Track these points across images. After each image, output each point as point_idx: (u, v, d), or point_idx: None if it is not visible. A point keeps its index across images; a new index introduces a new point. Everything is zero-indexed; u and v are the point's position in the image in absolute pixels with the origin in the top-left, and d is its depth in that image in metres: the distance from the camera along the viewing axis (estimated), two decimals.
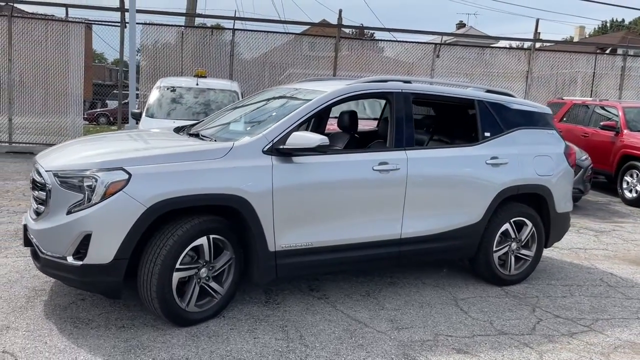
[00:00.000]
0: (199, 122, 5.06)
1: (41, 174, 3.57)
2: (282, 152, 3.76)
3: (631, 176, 9.67)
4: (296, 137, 3.75)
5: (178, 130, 4.70)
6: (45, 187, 3.49)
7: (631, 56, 14.84)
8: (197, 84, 8.98)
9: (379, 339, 3.63)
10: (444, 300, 4.39)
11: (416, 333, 3.76)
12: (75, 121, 12.77)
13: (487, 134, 4.70)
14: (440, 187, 4.42)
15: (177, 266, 3.45)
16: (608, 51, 21.59)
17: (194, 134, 4.37)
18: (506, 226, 4.73)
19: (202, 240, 3.55)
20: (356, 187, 4.05)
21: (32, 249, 3.68)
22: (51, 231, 3.42)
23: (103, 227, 3.30)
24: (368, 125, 6.41)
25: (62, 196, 3.41)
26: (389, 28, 17.04)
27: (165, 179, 3.42)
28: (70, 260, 3.35)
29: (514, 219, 4.76)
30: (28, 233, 3.70)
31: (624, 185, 9.77)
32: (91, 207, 3.31)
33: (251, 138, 3.79)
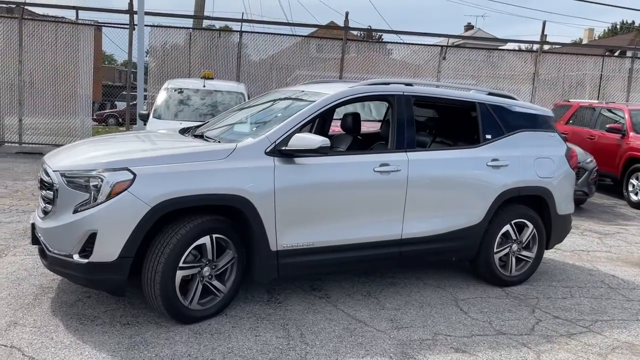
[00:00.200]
0: (204, 123, 5.14)
1: (49, 174, 3.66)
2: (284, 153, 3.83)
3: (637, 179, 9.65)
4: (298, 139, 3.82)
5: (183, 131, 4.79)
6: (52, 187, 3.58)
7: (639, 58, 14.78)
8: (204, 86, 9.07)
9: (378, 337, 3.68)
10: (444, 301, 4.44)
11: (415, 332, 3.81)
12: (84, 122, 12.93)
13: (488, 136, 4.74)
14: (440, 189, 4.47)
15: (181, 265, 3.53)
16: (617, 53, 21.50)
17: (198, 135, 4.45)
18: (507, 227, 4.77)
19: (205, 240, 3.63)
20: (357, 188, 4.11)
21: (40, 247, 3.77)
22: (58, 230, 3.51)
23: (108, 226, 3.38)
24: (374, 127, 6.46)
25: (69, 195, 3.49)
26: (396, 30, 17.07)
27: (169, 179, 3.49)
28: (77, 258, 3.44)
29: (515, 220, 4.80)
30: (36, 231, 3.80)
31: (630, 188, 9.76)
32: (97, 206, 3.39)
33: (254, 139, 3.86)
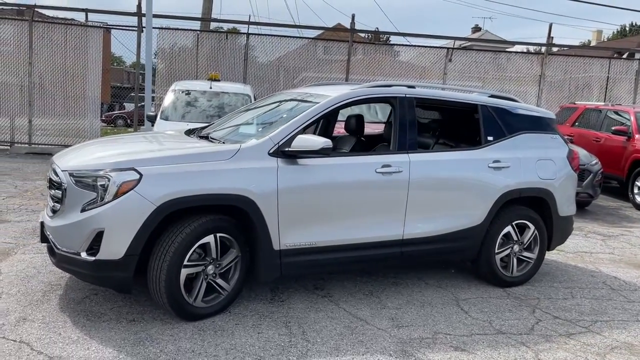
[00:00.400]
0: (209, 124, 5.22)
1: (57, 174, 3.75)
2: (287, 154, 3.90)
3: None
4: (301, 140, 3.89)
5: (189, 132, 4.87)
6: (61, 186, 3.68)
7: None
8: (210, 87, 9.17)
9: (379, 335, 3.75)
10: (445, 301, 4.49)
11: (416, 331, 3.87)
12: (93, 123, 13.08)
13: (489, 137, 4.79)
14: (442, 190, 4.52)
15: (185, 263, 3.61)
16: (625, 55, 21.42)
17: (204, 136, 4.53)
18: (508, 229, 4.81)
19: (209, 239, 3.70)
20: (359, 188, 4.17)
21: (49, 245, 3.86)
22: (66, 228, 3.60)
23: (115, 224, 3.46)
24: (380, 129, 6.52)
25: (77, 195, 3.58)
26: (403, 32, 17.13)
27: (174, 179, 3.57)
28: (84, 256, 3.52)
29: (516, 221, 4.84)
30: (45, 230, 3.89)
31: (635, 191, 9.75)
32: (104, 205, 3.48)
33: (257, 140, 3.94)
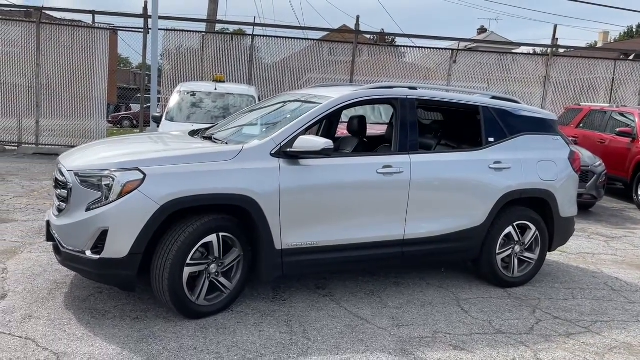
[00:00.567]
0: (213, 125, 5.28)
1: (63, 174, 3.82)
2: (289, 154, 3.95)
3: None
4: (302, 141, 3.94)
5: (193, 133, 4.93)
6: (66, 186, 3.74)
7: None
8: (215, 89, 9.23)
9: (379, 334, 3.79)
10: (446, 300, 4.53)
11: (416, 330, 3.90)
12: (99, 124, 13.18)
13: (491, 139, 4.82)
14: (443, 190, 4.56)
15: (188, 261, 3.66)
16: (632, 57, 21.33)
17: (207, 137, 4.59)
18: (509, 229, 4.84)
19: (212, 238, 3.76)
20: (360, 189, 4.22)
21: (54, 243, 3.93)
22: (71, 227, 3.66)
23: (119, 223, 3.52)
24: (383, 130, 6.55)
25: (82, 194, 3.65)
26: (408, 34, 17.16)
27: (177, 179, 3.63)
28: (89, 254, 3.58)
29: (518, 222, 4.87)
30: (50, 229, 3.96)
31: None
32: (108, 204, 3.54)
33: (260, 141, 3.99)
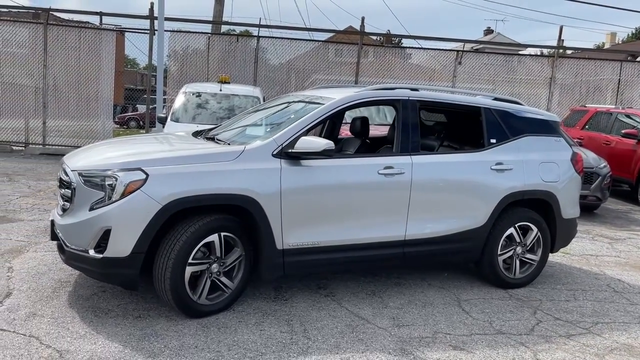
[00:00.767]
0: (216, 126, 5.32)
1: (67, 173, 3.87)
2: (291, 155, 3.98)
3: None
4: (304, 142, 3.97)
5: (197, 134, 4.97)
6: (70, 185, 3.79)
7: None
8: (220, 90, 9.28)
9: (379, 334, 3.81)
10: (447, 301, 4.54)
11: (416, 330, 3.92)
12: (106, 124, 13.29)
13: (492, 140, 4.83)
14: (444, 191, 4.58)
15: (190, 261, 3.69)
16: (639, 58, 21.22)
17: (210, 138, 4.63)
18: (511, 230, 4.85)
19: (214, 238, 3.79)
20: (361, 189, 4.24)
21: (58, 243, 3.97)
22: (75, 226, 3.71)
23: (122, 223, 3.56)
24: (386, 132, 6.56)
25: (86, 194, 3.69)
26: (414, 35, 17.15)
27: (180, 179, 3.67)
28: (92, 253, 3.62)
29: (519, 223, 4.88)
30: (55, 228, 4.00)
31: None
32: (111, 204, 3.58)
33: (262, 142, 4.02)
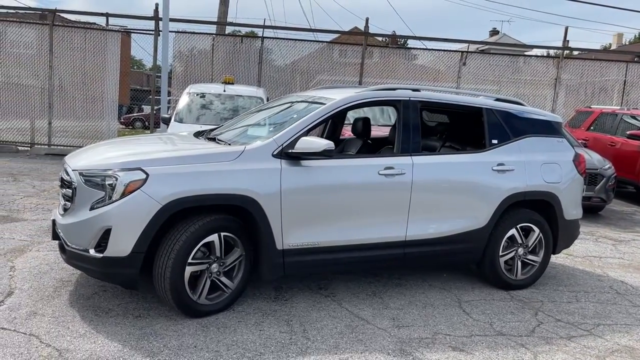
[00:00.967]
0: (218, 126, 5.33)
1: (68, 173, 3.89)
2: (291, 155, 3.99)
3: None
4: (304, 142, 3.97)
5: (198, 134, 4.98)
6: (71, 185, 3.81)
7: None
8: (224, 91, 9.31)
9: (378, 335, 3.80)
10: (447, 302, 4.53)
11: (416, 331, 3.91)
12: (111, 125, 13.35)
13: (494, 141, 4.82)
14: (445, 192, 4.56)
15: (190, 261, 3.70)
16: None
17: (211, 138, 4.64)
18: (512, 231, 4.83)
19: (214, 237, 3.79)
20: (362, 190, 4.24)
21: (60, 242, 3.99)
22: (76, 226, 3.73)
23: (122, 222, 3.57)
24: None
25: (86, 193, 3.71)
26: (419, 36, 17.12)
27: (179, 179, 3.68)
28: (92, 252, 3.64)
29: (521, 224, 4.86)
30: (56, 227, 4.02)
31: None
32: (111, 204, 3.59)
33: (262, 142, 4.03)
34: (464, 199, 4.62)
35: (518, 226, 4.85)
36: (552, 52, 24.60)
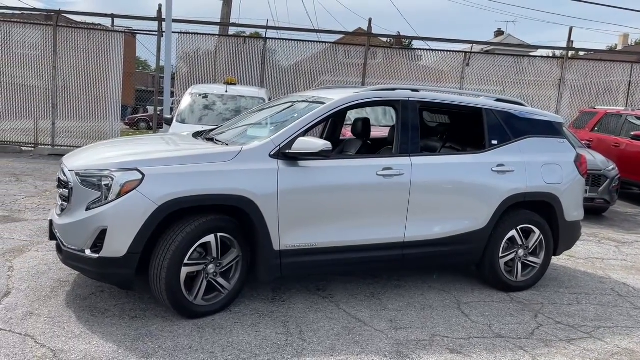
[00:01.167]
0: (217, 127, 5.32)
1: (65, 173, 3.89)
2: (288, 156, 3.97)
3: None
4: (301, 142, 3.96)
5: (197, 134, 4.97)
6: (68, 185, 3.80)
7: None
8: (226, 91, 9.30)
9: (375, 337, 3.77)
10: (446, 304, 4.49)
11: (413, 333, 3.88)
12: (114, 125, 13.38)
13: (494, 141, 4.79)
14: (444, 193, 4.53)
15: (186, 261, 3.68)
16: None
17: (209, 139, 4.63)
18: (513, 233, 4.79)
19: (210, 238, 3.78)
20: (359, 190, 4.21)
21: (57, 242, 3.99)
22: (72, 226, 3.72)
23: (117, 222, 3.56)
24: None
25: (83, 194, 3.70)
26: (421, 37, 17.07)
27: (176, 179, 3.66)
28: (88, 253, 3.63)
29: (521, 226, 4.82)
30: (53, 228, 4.02)
31: None
32: (107, 204, 3.58)
33: (259, 142, 4.01)
34: (463, 199, 4.59)
35: (518, 227, 4.81)
36: (558, 53, 24.52)
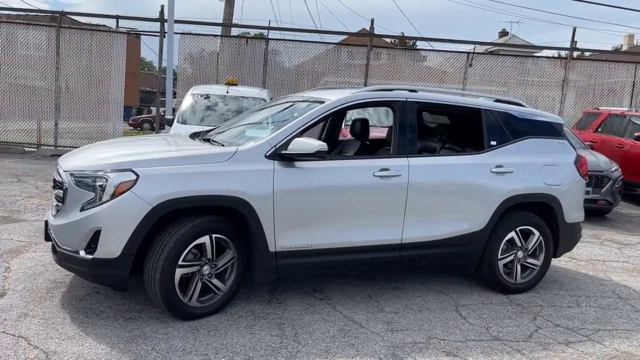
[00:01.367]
0: (214, 128, 5.30)
1: (60, 174, 3.87)
2: (284, 157, 3.94)
3: None
4: (297, 143, 3.93)
5: (194, 135, 4.95)
6: (62, 186, 3.79)
7: None
8: (227, 92, 9.29)
9: (371, 339, 3.74)
10: (444, 306, 4.46)
11: (409, 335, 3.85)
12: (117, 126, 13.41)
13: (493, 142, 4.75)
14: (442, 194, 4.50)
15: (180, 263, 3.66)
16: None
17: (206, 139, 4.61)
18: (512, 234, 4.75)
19: (205, 239, 3.75)
20: (356, 191, 4.18)
21: (52, 243, 3.98)
22: (66, 227, 3.71)
23: (111, 223, 3.55)
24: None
25: (77, 194, 3.69)
26: (424, 37, 17.01)
27: (170, 180, 3.64)
28: (82, 254, 3.61)
29: (521, 227, 4.78)
30: (48, 229, 4.01)
31: None
32: (101, 205, 3.57)
33: (255, 143, 3.99)
34: (461, 201, 4.55)
35: (517, 229, 4.77)
36: (563, 53, 24.39)
